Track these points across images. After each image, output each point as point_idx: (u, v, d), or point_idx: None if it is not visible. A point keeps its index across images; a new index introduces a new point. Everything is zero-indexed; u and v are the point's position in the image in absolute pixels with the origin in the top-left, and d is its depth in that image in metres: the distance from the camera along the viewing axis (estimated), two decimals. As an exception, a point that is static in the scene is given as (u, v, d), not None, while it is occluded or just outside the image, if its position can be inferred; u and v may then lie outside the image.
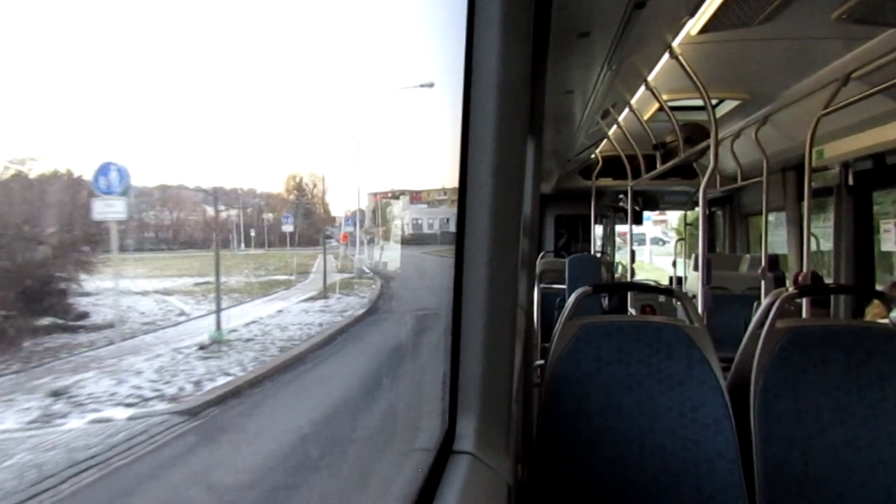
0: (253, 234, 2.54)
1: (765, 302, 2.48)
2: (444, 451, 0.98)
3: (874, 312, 4.15)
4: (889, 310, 2.33)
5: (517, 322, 2.26)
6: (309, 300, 2.65)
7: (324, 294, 2.75)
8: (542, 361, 2.51)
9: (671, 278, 8.89)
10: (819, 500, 2.18)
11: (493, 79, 0.98)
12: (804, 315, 4.28)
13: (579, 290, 2.53)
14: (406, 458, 1.02)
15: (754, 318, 2.46)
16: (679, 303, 2.55)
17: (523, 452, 2.55)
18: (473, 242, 1.00)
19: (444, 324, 1.05)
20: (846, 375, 2.24)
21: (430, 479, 0.90)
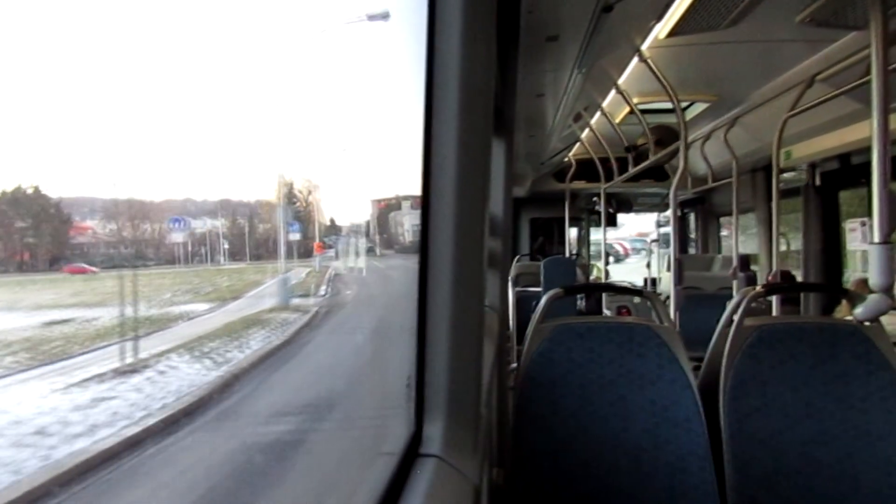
0: (226, 245, 1.99)
1: (733, 300, 2.51)
2: (411, 455, 0.98)
3: (844, 310, 4.22)
4: (853, 306, 2.37)
5: (489, 324, 2.26)
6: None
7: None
8: (517, 364, 2.52)
9: (645, 279, 8.97)
10: (789, 494, 2.21)
11: (454, 80, 0.98)
12: (775, 313, 4.34)
13: (550, 293, 2.54)
14: (372, 462, 1.02)
15: (724, 317, 2.49)
16: (651, 304, 2.58)
17: (499, 455, 2.55)
18: (437, 243, 1.00)
19: (410, 327, 1.04)
20: (813, 371, 2.27)
21: (396, 482, 0.89)
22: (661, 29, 3.12)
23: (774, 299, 4.27)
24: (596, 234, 9.55)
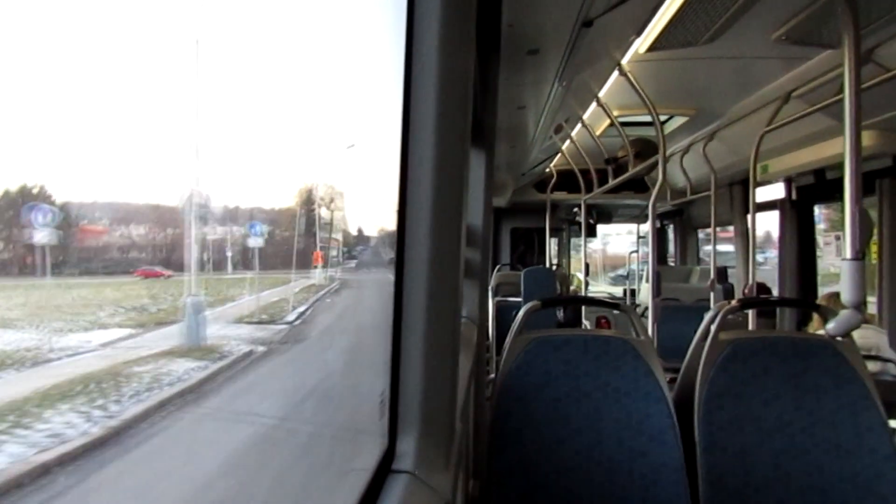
0: (229, 253, 1.63)
1: (709, 314, 2.53)
2: (383, 471, 0.97)
3: (817, 323, 4.28)
4: (825, 321, 2.40)
5: (467, 335, 2.26)
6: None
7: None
8: (494, 375, 2.51)
9: (625, 290, 9.03)
10: None
11: (433, 93, 0.98)
12: (751, 326, 4.38)
13: (528, 305, 2.54)
14: (344, 478, 1.01)
15: (699, 330, 2.51)
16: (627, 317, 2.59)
17: (475, 467, 2.54)
18: (413, 253, 0.99)
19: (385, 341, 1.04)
20: (785, 385, 2.29)
21: (368, 498, 0.88)
22: (641, 43, 3.15)
23: (751, 312, 4.31)
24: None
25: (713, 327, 2.36)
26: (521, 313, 2.50)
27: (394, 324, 1.02)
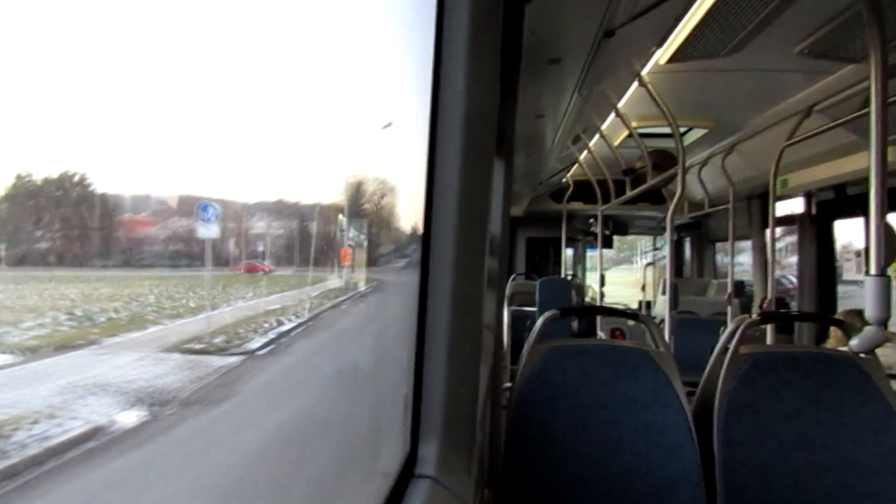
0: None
1: (729, 328, 2.51)
2: (406, 476, 0.97)
3: (836, 339, 4.23)
4: (847, 337, 2.37)
5: (485, 344, 2.26)
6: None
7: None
8: (510, 384, 2.51)
9: (640, 302, 8.98)
10: None
11: (460, 102, 0.99)
12: (769, 341, 4.34)
13: (547, 314, 2.54)
14: (367, 482, 1.01)
15: (719, 344, 2.49)
16: (646, 328, 2.57)
17: (490, 475, 2.53)
18: (438, 262, 1.00)
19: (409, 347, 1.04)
20: (806, 400, 2.27)
21: (391, 502, 0.88)
22: (662, 55, 3.15)
23: (769, 327, 4.27)
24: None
25: (734, 340, 2.34)
26: (539, 322, 2.50)
27: (417, 328, 1.02)
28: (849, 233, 5.13)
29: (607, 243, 8.88)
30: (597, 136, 5.08)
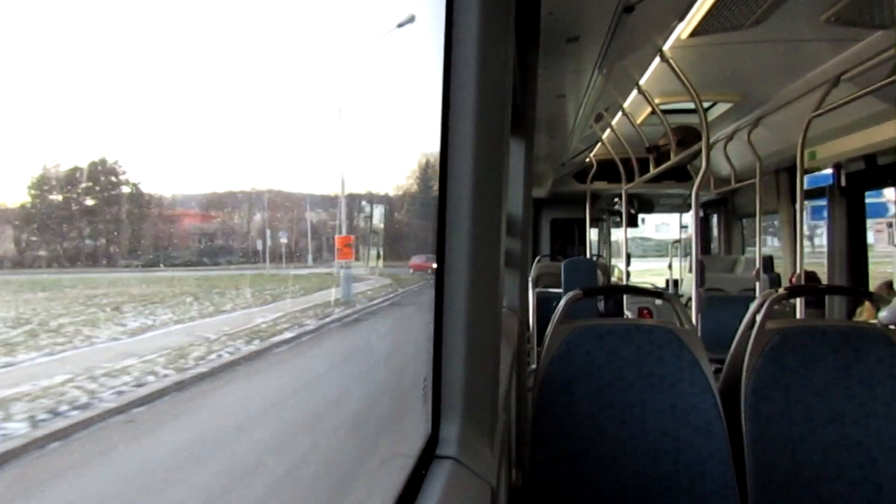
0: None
1: (755, 303, 2.48)
2: (427, 456, 0.98)
3: (867, 313, 4.15)
4: (877, 310, 2.33)
5: (508, 325, 2.26)
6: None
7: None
8: (535, 366, 2.51)
9: (667, 281, 8.90)
10: (811, 501, 2.18)
11: (472, 82, 0.98)
12: (799, 316, 4.28)
13: (570, 294, 2.53)
14: (389, 463, 1.02)
15: (745, 319, 2.47)
16: (671, 306, 2.55)
17: (518, 457, 2.55)
18: (454, 244, 1.00)
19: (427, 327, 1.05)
20: (836, 375, 2.24)
21: (412, 483, 0.90)
22: (684, 29, 3.09)
23: (798, 302, 4.21)
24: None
25: (759, 315, 2.32)
26: (562, 302, 2.49)
27: (435, 310, 1.03)
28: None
29: (632, 222, 8.79)
30: (619, 114, 5.02)
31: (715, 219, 8.59)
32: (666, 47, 3.35)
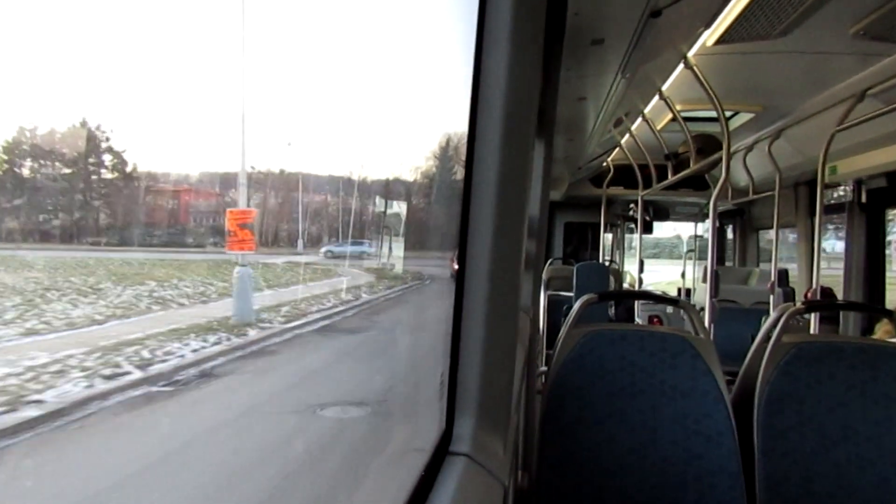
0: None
1: (772, 316, 2.46)
2: (441, 452, 0.98)
3: (884, 330, 4.11)
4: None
5: (521, 326, 2.26)
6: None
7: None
8: (546, 368, 2.50)
9: (679, 289, 8.85)
10: None
11: (502, 83, 0.98)
12: (813, 331, 4.25)
13: (584, 297, 2.52)
14: (403, 458, 1.02)
15: (761, 332, 2.45)
16: (686, 314, 2.54)
17: (525, 459, 2.54)
18: (476, 243, 1.00)
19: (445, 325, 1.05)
20: (851, 392, 2.22)
21: (426, 479, 0.90)
22: (709, 36, 3.07)
23: (813, 317, 4.17)
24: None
25: (777, 329, 2.30)
26: (576, 305, 2.48)
27: (454, 308, 1.03)
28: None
29: (647, 229, 8.75)
30: (639, 120, 4.99)
31: (730, 229, 8.53)
32: (690, 54, 3.32)
